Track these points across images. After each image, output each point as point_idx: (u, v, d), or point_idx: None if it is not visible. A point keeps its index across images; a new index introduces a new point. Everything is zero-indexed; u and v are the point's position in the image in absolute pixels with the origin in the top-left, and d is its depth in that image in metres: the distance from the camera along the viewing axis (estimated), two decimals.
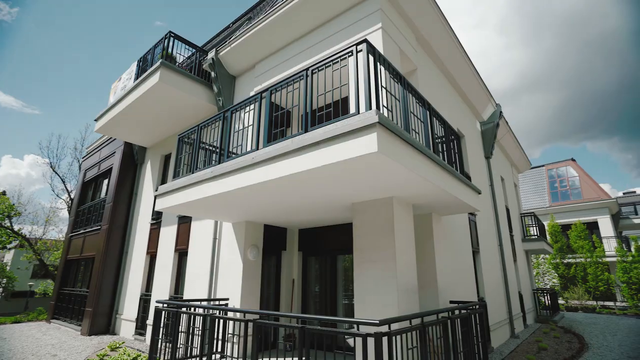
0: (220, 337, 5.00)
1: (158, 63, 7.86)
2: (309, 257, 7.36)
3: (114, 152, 12.29)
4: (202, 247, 8.19)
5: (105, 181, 12.71)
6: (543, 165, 28.35)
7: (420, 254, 5.46)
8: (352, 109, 3.60)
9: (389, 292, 4.34)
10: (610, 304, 19.82)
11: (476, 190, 5.80)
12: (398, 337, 3.35)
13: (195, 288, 7.97)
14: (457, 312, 4.89)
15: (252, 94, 7.17)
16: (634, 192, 46.94)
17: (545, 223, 23.00)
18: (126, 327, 10.04)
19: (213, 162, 5.14)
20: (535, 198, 26.77)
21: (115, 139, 12.40)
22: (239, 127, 5.24)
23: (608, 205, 23.64)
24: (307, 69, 4.13)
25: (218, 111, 8.64)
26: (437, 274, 5.38)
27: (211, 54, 8.47)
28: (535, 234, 15.18)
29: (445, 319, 4.23)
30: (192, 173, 5.28)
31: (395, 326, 3.57)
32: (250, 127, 5.00)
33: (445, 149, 5.29)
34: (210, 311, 5.16)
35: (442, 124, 5.28)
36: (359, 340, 3.35)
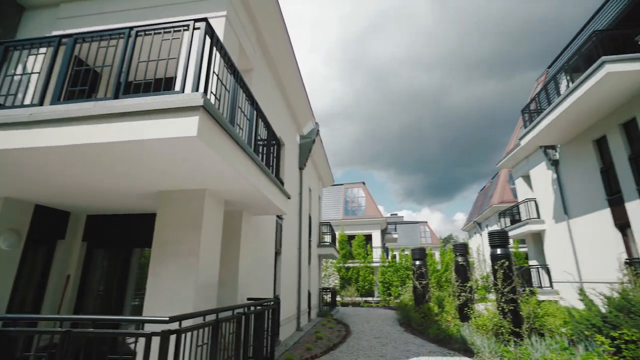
0: None
1: None
2: (97, 249, 6.19)
3: None
4: None
5: None
6: (342, 184, 33.79)
7: (225, 251, 5.44)
8: (177, 88, 3.29)
9: (187, 288, 4.11)
10: (371, 299, 25.18)
11: (287, 195, 6.29)
12: (189, 334, 3.19)
13: None
14: (252, 308, 5.11)
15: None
16: (397, 214, 61.78)
17: (337, 233, 27.32)
18: None
19: None
20: (332, 210, 31.45)
21: None
22: (17, 72, 3.96)
23: (380, 222, 30.23)
24: (131, 28, 3.54)
25: None
26: (239, 272, 5.49)
27: None
28: (329, 241, 17.78)
29: (240, 315, 4.33)
30: None
31: (188, 323, 3.40)
32: (37, 76, 3.86)
33: (265, 152, 5.53)
34: None
35: (266, 127, 5.52)
36: (143, 341, 2.99)
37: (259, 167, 4.55)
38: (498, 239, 8.31)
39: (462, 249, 10.77)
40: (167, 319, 2.83)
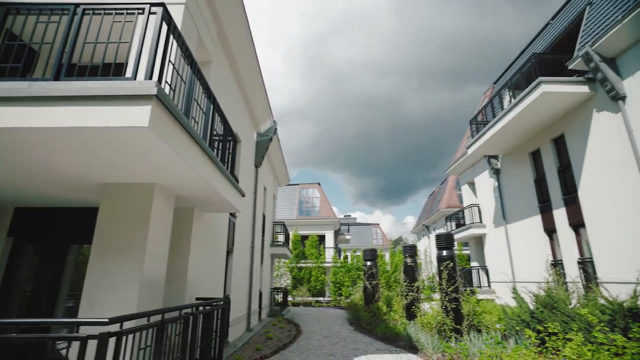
0: None
1: None
2: (26, 245, 5.61)
3: None
4: None
5: None
6: (298, 184, 33.78)
7: (174, 248, 5.20)
8: (129, 74, 3.09)
9: (131, 287, 3.87)
10: (322, 299, 25.42)
11: (241, 192, 6.16)
12: (131, 336, 3.00)
13: None
14: (201, 308, 4.93)
15: None
16: (350, 215, 63.03)
17: (291, 233, 27.26)
18: None
19: None
20: (287, 210, 31.33)
21: None
22: None
23: (334, 223, 30.64)
24: (77, 5, 3.26)
25: None
26: (188, 270, 5.27)
27: None
28: (282, 240, 17.68)
29: (187, 315, 4.16)
30: None
31: (131, 324, 3.20)
32: None
33: (221, 148, 5.38)
34: None
35: (223, 122, 5.36)
36: (77, 345, 2.76)
37: (213, 163, 4.40)
38: (444, 242, 8.78)
39: (411, 251, 11.23)
40: (107, 320, 2.63)
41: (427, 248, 34.71)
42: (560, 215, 12.45)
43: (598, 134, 10.67)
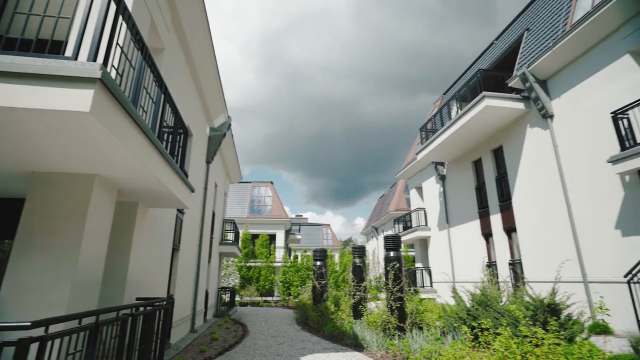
0: None
1: None
2: None
3: None
4: None
5: None
6: (250, 182, 33.18)
7: (114, 245, 4.85)
8: (69, 53, 2.82)
9: (61, 287, 3.53)
10: (270, 298, 25.18)
11: (191, 188, 5.90)
12: (57, 341, 2.72)
13: None
14: (142, 308, 4.65)
15: None
16: (302, 215, 63.24)
17: (241, 231, 26.68)
18: None
19: None
20: (238, 208, 30.64)
21: None
22: None
23: (285, 222, 30.52)
24: None
25: None
26: (129, 268, 4.94)
27: None
28: (232, 239, 17.24)
29: (125, 317, 3.89)
30: None
31: (59, 328, 2.91)
32: None
33: (171, 141, 5.11)
34: None
35: (174, 114, 5.10)
36: None
37: (162, 156, 4.17)
38: (392, 243, 9.11)
39: (360, 251, 11.52)
40: (29, 324, 2.36)
41: (376, 249, 35.85)
42: (496, 220, 13.50)
43: (530, 148, 11.73)
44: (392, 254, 8.96)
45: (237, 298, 22.94)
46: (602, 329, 8.24)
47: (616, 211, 8.67)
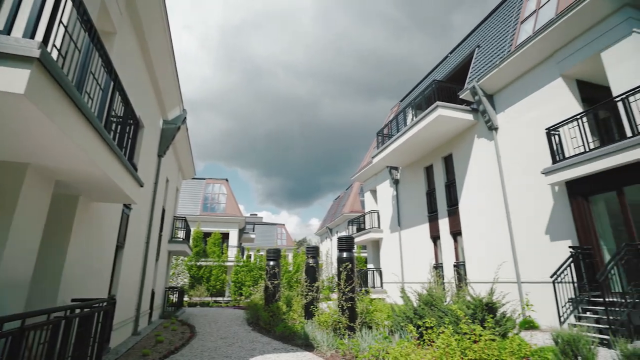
0: None
1: None
2: None
3: None
4: None
5: None
6: (204, 178, 32.08)
7: (48, 241, 4.45)
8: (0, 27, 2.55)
9: None
10: (221, 299, 24.51)
11: (139, 182, 5.59)
12: None
13: None
14: (78, 310, 4.30)
15: None
16: (256, 214, 62.43)
17: (193, 229, 25.70)
18: None
19: None
20: (190, 205, 29.49)
21: None
22: None
23: (239, 221, 29.90)
24: None
25: None
26: (64, 267, 4.56)
27: None
28: (182, 237, 16.55)
29: (58, 320, 3.58)
30: None
31: None
32: None
33: (119, 131, 4.80)
34: None
35: (124, 103, 4.80)
36: None
37: (108, 147, 3.89)
38: (345, 244, 9.27)
39: (314, 252, 11.59)
40: None
41: (329, 250, 36.29)
42: (444, 224, 14.25)
43: (477, 157, 12.54)
44: (345, 254, 9.11)
45: (186, 298, 22.06)
46: (530, 325, 9.03)
47: (547, 218, 9.54)
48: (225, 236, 29.13)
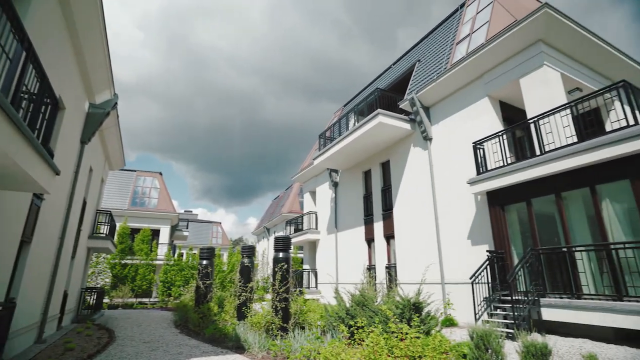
0: None
1: None
2: None
3: None
4: None
5: None
6: (135, 170, 29.75)
7: None
8: None
9: None
10: (147, 300, 22.86)
11: (55, 170, 4.97)
12: None
13: None
14: None
15: None
16: (191, 211, 59.60)
17: (119, 224, 23.64)
18: None
19: None
20: (117, 198, 27.15)
21: None
22: None
23: (172, 218, 28.26)
24: None
25: None
26: None
27: None
28: (105, 232, 15.11)
29: None
30: None
31: None
32: None
33: (32, 110, 4.22)
34: None
35: (40, 79, 4.23)
36: None
37: (15, 126, 3.39)
38: (282, 244, 9.20)
39: (250, 251, 11.33)
40: None
41: (266, 250, 35.84)
42: (378, 228, 14.86)
43: (412, 164, 13.29)
44: (281, 255, 9.04)
45: (107, 300, 20.20)
46: (450, 322, 9.79)
47: (469, 224, 10.43)
48: (155, 233, 27.30)
